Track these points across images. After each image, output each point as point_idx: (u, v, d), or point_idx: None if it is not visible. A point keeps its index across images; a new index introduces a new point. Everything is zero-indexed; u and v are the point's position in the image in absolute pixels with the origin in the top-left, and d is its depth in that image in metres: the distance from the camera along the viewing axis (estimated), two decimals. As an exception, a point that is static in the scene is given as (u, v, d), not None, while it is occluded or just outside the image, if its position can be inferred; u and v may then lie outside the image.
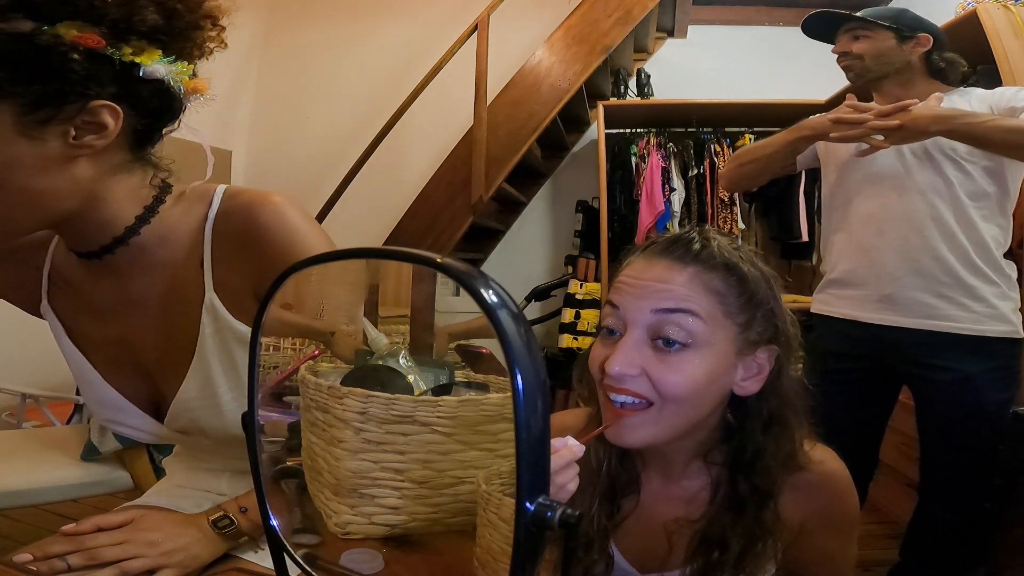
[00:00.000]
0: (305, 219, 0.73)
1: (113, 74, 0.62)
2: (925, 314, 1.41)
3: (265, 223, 0.71)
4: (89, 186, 0.66)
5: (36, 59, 0.58)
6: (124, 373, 0.80)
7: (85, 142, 0.63)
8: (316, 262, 0.41)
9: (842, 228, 1.54)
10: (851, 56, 1.53)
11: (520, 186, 3.68)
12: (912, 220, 1.42)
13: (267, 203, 0.72)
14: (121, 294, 0.75)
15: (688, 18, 3.79)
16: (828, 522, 0.70)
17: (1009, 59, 2.02)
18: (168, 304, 0.75)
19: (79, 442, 1.70)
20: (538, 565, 0.29)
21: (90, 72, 0.60)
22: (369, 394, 0.63)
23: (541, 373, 0.28)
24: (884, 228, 1.45)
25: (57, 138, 0.61)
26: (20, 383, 2.28)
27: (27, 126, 0.59)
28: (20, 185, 0.61)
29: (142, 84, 0.64)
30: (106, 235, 0.71)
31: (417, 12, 3.84)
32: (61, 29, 0.58)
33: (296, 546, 0.46)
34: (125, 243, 0.72)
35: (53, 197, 0.64)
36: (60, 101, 0.60)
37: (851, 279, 1.51)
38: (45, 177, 0.62)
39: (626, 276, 0.66)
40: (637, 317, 0.63)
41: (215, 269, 0.73)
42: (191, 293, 0.73)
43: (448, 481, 0.67)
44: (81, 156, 0.64)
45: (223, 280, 0.73)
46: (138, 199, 0.72)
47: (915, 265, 1.41)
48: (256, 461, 0.46)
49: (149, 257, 0.73)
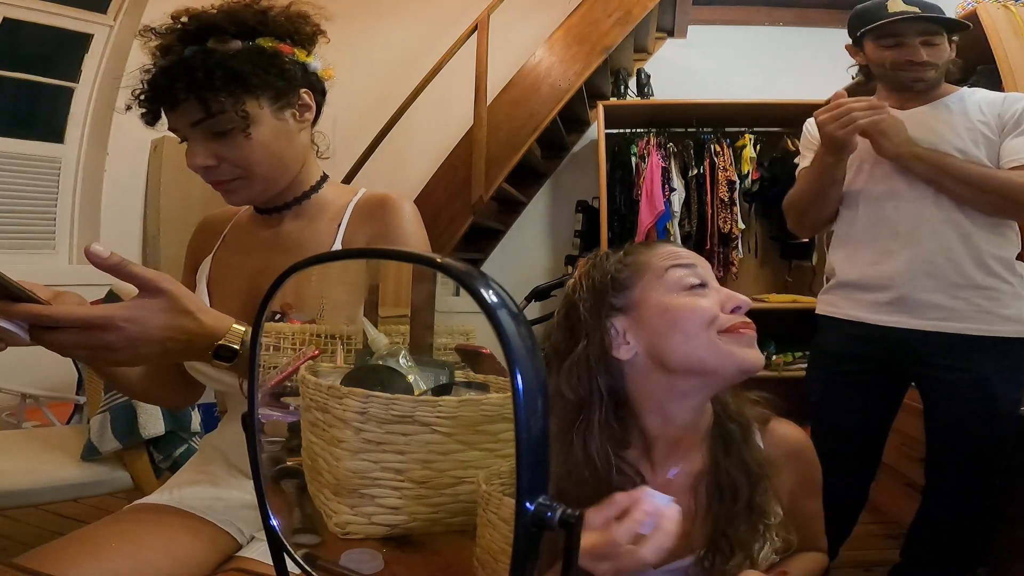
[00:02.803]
0: (414, 215, 0.99)
1: (302, 71, 0.91)
2: (939, 316, 1.39)
3: (390, 204, 0.98)
4: (306, 152, 0.97)
5: (273, 64, 0.87)
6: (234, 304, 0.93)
7: (304, 118, 0.93)
8: (316, 262, 0.41)
9: (852, 230, 1.51)
10: (928, 66, 1.42)
11: (520, 186, 3.68)
12: (925, 222, 1.40)
13: (394, 195, 1.00)
14: (276, 237, 0.99)
15: (688, 18, 3.79)
16: (809, 486, 0.81)
17: (1009, 59, 2.02)
18: (304, 248, 0.96)
19: (79, 442, 1.70)
20: (538, 565, 0.29)
21: (295, 70, 0.90)
22: (369, 394, 0.63)
23: (541, 373, 0.28)
24: (897, 231, 1.42)
25: (291, 118, 0.91)
26: (20, 383, 2.28)
27: (276, 111, 0.89)
28: (281, 152, 0.91)
29: (312, 75, 0.93)
30: (299, 190, 0.97)
31: (417, 12, 3.84)
32: (261, 42, 0.87)
33: (296, 546, 0.46)
34: (302, 201, 0.98)
35: (294, 159, 0.94)
36: (289, 90, 0.89)
37: (862, 281, 1.48)
38: (291, 145, 0.93)
39: (669, 250, 0.75)
40: (708, 274, 0.74)
41: (346, 232, 0.96)
42: (324, 243, 0.96)
43: (448, 481, 0.66)
44: (303, 128, 0.94)
45: (348, 240, 0.96)
46: (317, 170, 1.01)
47: (928, 267, 1.39)
48: (256, 461, 0.46)
49: (307, 216, 0.99)
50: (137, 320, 0.65)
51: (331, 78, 0.98)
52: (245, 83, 0.84)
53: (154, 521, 0.89)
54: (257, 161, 0.88)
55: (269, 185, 0.93)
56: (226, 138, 0.86)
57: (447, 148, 3.37)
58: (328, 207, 0.99)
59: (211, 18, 0.86)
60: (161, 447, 1.68)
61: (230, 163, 0.88)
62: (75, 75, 3.14)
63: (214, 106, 0.83)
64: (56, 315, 0.62)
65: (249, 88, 0.85)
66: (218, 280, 1.01)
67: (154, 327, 0.66)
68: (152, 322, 0.66)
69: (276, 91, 0.88)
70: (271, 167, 0.90)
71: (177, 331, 0.68)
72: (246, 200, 0.96)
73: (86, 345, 0.64)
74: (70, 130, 3.16)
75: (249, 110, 0.85)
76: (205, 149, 0.86)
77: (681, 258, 0.74)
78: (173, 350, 0.69)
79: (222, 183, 0.90)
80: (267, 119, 0.88)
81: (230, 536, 0.91)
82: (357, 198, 1.00)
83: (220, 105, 0.83)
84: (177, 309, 0.68)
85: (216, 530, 0.90)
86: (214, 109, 0.83)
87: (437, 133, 3.55)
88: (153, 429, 1.63)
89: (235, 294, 0.97)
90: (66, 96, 3.14)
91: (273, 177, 0.92)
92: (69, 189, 3.17)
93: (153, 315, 0.66)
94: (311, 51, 0.93)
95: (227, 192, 0.92)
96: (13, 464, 1.62)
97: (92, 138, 3.18)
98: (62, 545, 0.81)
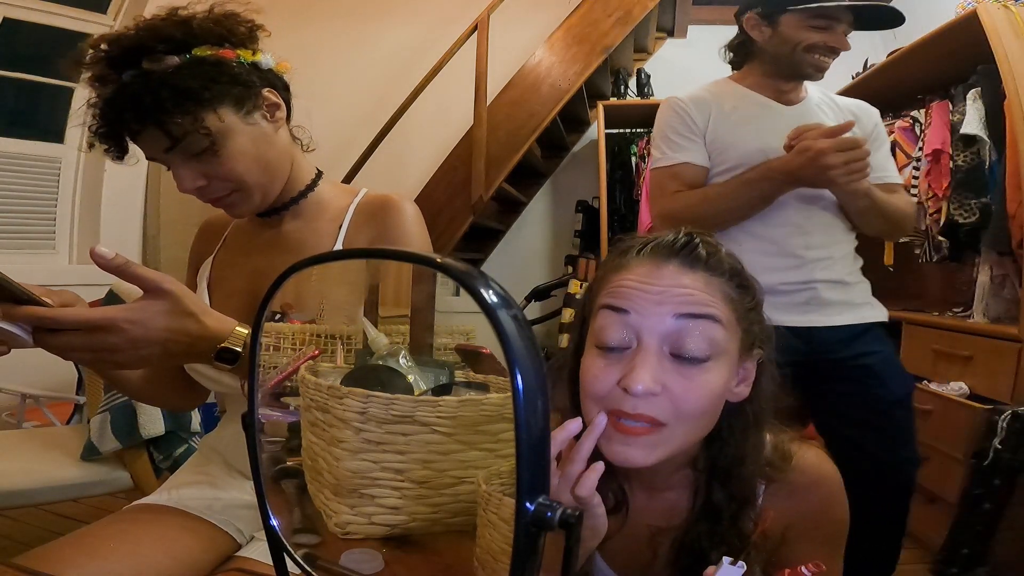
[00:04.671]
0: (417, 216, 0.98)
1: (254, 71, 0.87)
2: (838, 311, 1.39)
3: (392, 205, 0.97)
4: (289, 149, 0.94)
5: (221, 72, 0.82)
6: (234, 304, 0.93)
7: (276, 117, 0.90)
8: (316, 262, 0.41)
9: (763, 233, 1.38)
10: (836, 56, 1.40)
11: (520, 186, 3.68)
12: (824, 226, 1.39)
13: (396, 196, 0.99)
14: (277, 237, 0.98)
15: (688, 18, 3.79)
16: (815, 527, 0.66)
17: (1009, 59, 2.01)
18: (305, 248, 0.95)
19: (79, 442, 1.70)
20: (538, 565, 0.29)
21: (246, 72, 0.85)
22: (369, 394, 0.63)
23: (541, 373, 0.28)
24: (807, 236, 1.38)
25: (263, 120, 0.88)
26: (20, 383, 2.28)
27: (244, 117, 0.85)
28: (266, 156, 0.88)
29: (268, 73, 0.90)
30: (294, 189, 0.96)
31: (417, 12, 3.84)
32: (198, 52, 0.82)
33: (296, 546, 0.46)
34: (299, 200, 0.97)
35: (281, 160, 0.92)
36: (249, 94, 0.85)
37: (781, 286, 1.36)
38: (274, 147, 0.90)
39: (631, 279, 0.60)
40: (654, 324, 0.57)
41: (348, 232, 0.95)
42: (325, 243, 0.95)
43: (448, 481, 0.66)
44: (279, 127, 0.91)
45: (350, 241, 0.95)
46: (308, 166, 0.99)
47: (826, 269, 1.38)
48: (256, 461, 0.46)
49: (307, 216, 0.98)
50: (140, 322, 0.65)
51: (287, 71, 0.94)
52: (196, 98, 0.80)
53: (153, 521, 0.89)
54: (246, 171, 0.86)
55: (266, 192, 0.91)
56: (203, 157, 0.83)
57: (447, 148, 3.37)
58: (328, 207, 0.98)
59: (133, 39, 0.80)
60: (161, 447, 1.68)
61: (219, 179, 0.86)
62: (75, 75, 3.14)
63: (175, 129, 0.79)
64: (59, 317, 0.61)
65: (202, 102, 0.80)
66: (219, 281, 1.01)
67: (157, 329, 0.66)
68: (155, 323, 0.66)
69: (235, 98, 0.84)
70: (261, 173, 0.88)
71: (180, 333, 0.68)
72: (249, 211, 0.93)
73: (89, 347, 0.64)
74: (70, 130, 3.16)
75: (211, 125, 0.81)
76: (190, 171, 0.84)
77: (618, 297, 0.60)
78: (175, 352, 0.69)
79: (219, 200, 0.89)
80: (238, 128, 0.84)
81: (229, 536, 0.91)
82: (359, 199, 0.99)
83: (179, 127, 0.79)
84: (180, 311, 0.68)
85: (215, 530, 0.90)
86: (176, 133, 0.80)
87: (437, 133, 3.55)
88: (153, 429, 1.63)
89: (235, 295, 0.97)
90: (66, 96, 3.14)
91: (266, 183, 0.90)
92: (69, 189, 3.17)
93: (156, 317, 0.66)
94: (255, 49, 0.89)
95: (228, 207, 0.90)
96: (13, 464, 1.62)
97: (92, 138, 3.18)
98: (62, 545, 0.80)
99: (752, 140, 1.39)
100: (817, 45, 1.38)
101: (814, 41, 1.37)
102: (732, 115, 1.43)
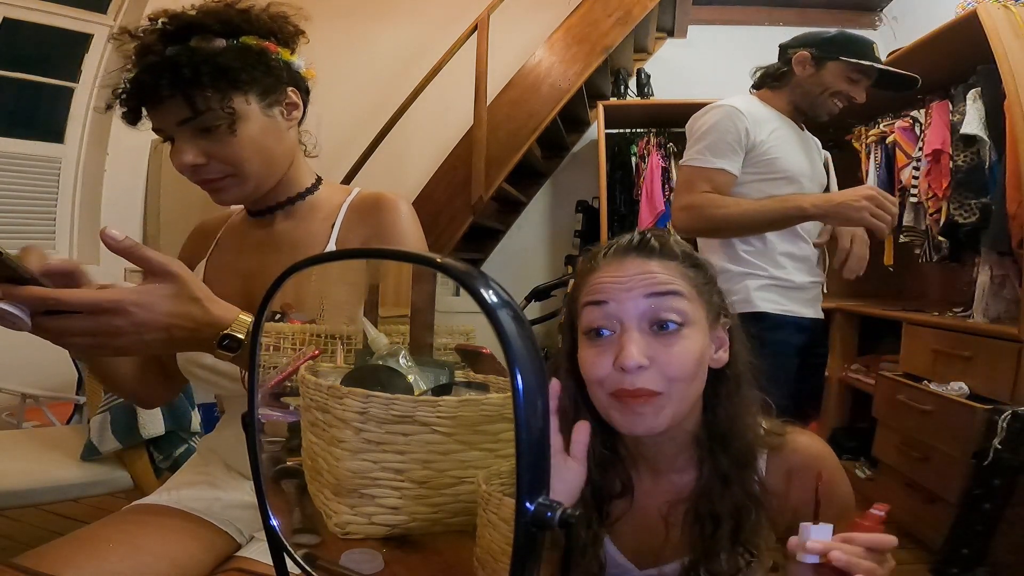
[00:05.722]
0: (410, 214, 0.98)
1: (287, 69, 0.91)
2: (817, 307, 1.65)
3: (386, 203, 0.97)
4: (295, 150, 0.97)
5: (260, 61, 0.87)
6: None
7: (291, 116, 0.93)
8: (316, 262, 0.41)
9: (791, 235, 1.58)
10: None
11: (520, 186, 3.68)
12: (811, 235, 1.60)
13: (390, 194, 0.99)
14: (269, 237, 0.98)
15: (688, 18, 3.79)
16: (825, 507, 0.67)
17: (1009, 59, 2.01)
18: (297, 248, 0.96)
19: (79, 442, 1.70)
20: (538, 565, 0.29)
21: (281, 68, 0.90)
22: (369, 394, 0.63)
23: (541, 373, 0.28)
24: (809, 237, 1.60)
25: (279, 115, 0.91)
26: (20, 383, 2.28)
27: (265, 108, 0.89)
28: (271, 148, 0.90)
29: (297, 74, 0.94)
30: (291, 191, 0.98)
31: (417, 12, 3.84)
32: (246, 40, 0.87)
33: (296, 546, 0.46)
34: (295, 203, 0.98)
35: (283, 157, 0.94)
36: (276, 87, 0.90)
37: (799, 281, 1.58)
38: (281, 143, 0.92)
39: (603, 277, 0.68)
40: (630, 308, 0.66)
41: (340, 231, 0.95)
42: (318, 242, 0.95)
43: (448, 481, 0.67)
44: (291, 126, 0.94)
45: (343, 240, 0.95)
46: (309, 173, 1.01)
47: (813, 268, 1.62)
48: (256, 461, 0.46)
49: (300, 215, 0.98)
50: (146, 305, 0.64)
51: (313, 78, 0.98)
52: (233, 79, 0.84)
53: (153, 522, 0.89)
54: (247, 158, 0.87)
55: (260, 183, 0.92)
56: (214, 135, 0.85)
57: (447, 148, 3.37)
58: (321, 206, 0.99)
59: (192, 17, 0.84)
60: (161, 447, 1.68)
61: (219, 161, 0.86)
62: (75, 75, 3.14)
63: (200, 103, 0.82)
64: (64, 298, 0.59)
65: (237, 84, 0.84)
66: (212, 282, 1.00)
67: (161, 312, 0.65)
68: (160, 307, 0.65)
69: (264, 88, 0.88)
70: (261, 164, 0.89)
71: (184, 318, 0.67)
72: (236, 199, 0.93)
73: (91, 331, 0.62)
74: (70, 130, 3.16)
75: (236, 106, 0.85)
76: (194, 147, 0.85)
77: (595, 293, 0.68)
78: (178, 338, 0.68)
79: (211, 181, 0.89)
80: (256, 115, 0.87)
81: (229, 536, 0.91)
82: (351, 197, 0.99)
83: (206, 102, 0.82)
84: (186, 295, 0.67)
85: (215, 530, 0.90)
86: (200, 106, 0.82)
87: (437, 133, 3.55)
88: (153, 429, 1.63)
89: (229, 296, 0.95)
90: (66, 96, 3.15)
91: (263, 175, 0.91)
92: (69, 189, 3.17)
93: (161, 300, 0.65)
94: (294, 50, 0.94)
95: (216, 191, 0.90)
96: (13, 464, 1.62)
97: (92, 138, 3.18)
98: (62, 545, 0.80)
99: (794, 155, 1.57)
100: (841, 93, 1.56)
101: (842, 89, 1.55)
102: (779, 131, 1.58)
